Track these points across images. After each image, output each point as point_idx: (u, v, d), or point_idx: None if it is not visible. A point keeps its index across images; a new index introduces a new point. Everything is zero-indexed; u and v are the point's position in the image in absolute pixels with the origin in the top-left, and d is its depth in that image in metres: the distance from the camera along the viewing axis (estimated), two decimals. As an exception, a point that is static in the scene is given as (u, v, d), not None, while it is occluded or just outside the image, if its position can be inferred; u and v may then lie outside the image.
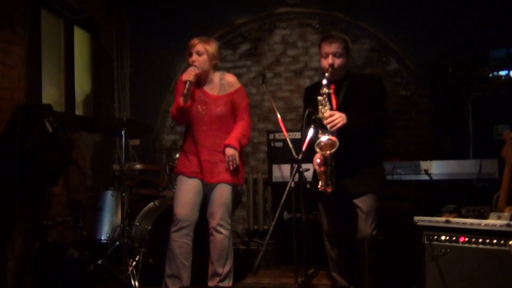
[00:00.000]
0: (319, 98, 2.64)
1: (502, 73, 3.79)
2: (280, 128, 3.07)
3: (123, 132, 3.38)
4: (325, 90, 2.63)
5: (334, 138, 2.50)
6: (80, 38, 4.45)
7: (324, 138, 2.52)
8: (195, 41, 2.97)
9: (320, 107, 2.63)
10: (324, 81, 2.64)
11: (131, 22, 4.88)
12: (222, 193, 2.96)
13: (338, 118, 2.56)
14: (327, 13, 4.63)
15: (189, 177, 3.00)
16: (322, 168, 2.59)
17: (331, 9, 4.60)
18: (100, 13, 4.63)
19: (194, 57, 2.93)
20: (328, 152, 2.51)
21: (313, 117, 2.57)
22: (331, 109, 2.64)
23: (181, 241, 2.93)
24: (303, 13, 4.69)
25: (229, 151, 2.92)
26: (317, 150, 2.54)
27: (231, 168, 2.92)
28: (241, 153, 3.07)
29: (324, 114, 2.60)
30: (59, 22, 4.14)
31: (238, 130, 2.99)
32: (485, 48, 4.15)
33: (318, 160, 2.61)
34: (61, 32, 4.17)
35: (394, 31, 4.48)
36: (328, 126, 2.55)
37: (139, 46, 4.89)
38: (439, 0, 4.28)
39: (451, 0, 4.23)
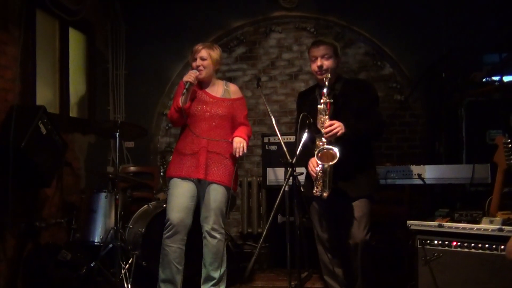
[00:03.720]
0: (320, 107, 2.65)
1: (495, 78, 3.82)
2: (275, 131, 3.08)
3: (117, 134, 3.38)
4: (325, 99, 2.64)
5: (335, 152, 2.52)
6: (75, 40, 4.43)
7: (326, 147, 2.54)
8: (199, 46, 3.05)
9: (320, 116, 2.64)
10: (325, 90, 2.64)
11: (126, 24, 4.88)
12: (216, 197, 2.96)
13: (337, 128, 2.57)
14: (322, 17, 4.65)
15: (183, 179, 2.99)
16: (320, 176, 2.60)
17: (327, 13, 4.62)
18: (95, 14, 4.63)
19: (198, 62, 3.01)
20: (327, 164, 2.53)
21: (307, 122, 2.58)
22: (331, 118, 2.64)
23: (175, 246, 2.93)
24: (299, 17, 4.71)
25: (236, 139, 2.95)
26: (317, 159, 2.56)
27: (237, 156, 2.94)
28: (236, 158, 3.08)
29: (324, 123, 2.61)
30: (54, 23, 4.13)
31: (244, 130, 3.06)
32: (478, 53, 4.19)
33: (317, 168, 2.61)
34: (56, 33, 4.16)
35: (389, 35, 4.50)
36: (327, 135, 2.57)
37: (134, 48, 4.88)
38: (433, 6, 4.32)
39: (445, 5, 4.26)
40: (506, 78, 3.77)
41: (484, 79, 3.83)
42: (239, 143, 2.93)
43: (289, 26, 4.76)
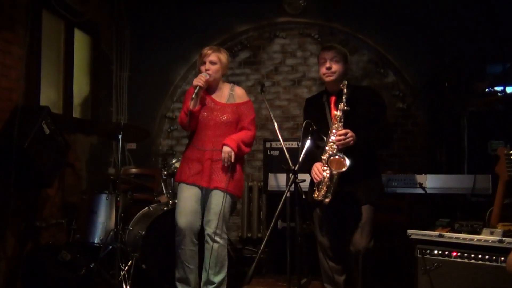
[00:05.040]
0: (336, 113, 2.66)
1: (498, 88, 3.83)
2: (277, 136, 3.08)
3: (120, 136, 3.38)
4: (343, 107, 2.64)
5: (345, 161, 2.53)
6: (80, 41, 4.45)
7: (339, 154, 2.55)
8: (209, 50, 3.03)
9: (334, 121, 2.65)
10: (344, 97, 2.65)
11: (131, 26, 4.90)
12: (219, 201, 2.96)
13: (350, 139, 2.59)
14: (327, 24, 4.67)
15: (189, 184, 3.00)
16: (325, 181, 2.61)
17: (331, 20, 4.64)
18: (101, 16, 4.65)
19: (208, 65, 2.99)
20: (336, 171, 2.54)
21: (310, 129, 2.59)
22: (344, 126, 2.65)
23: (186, 249, 2.96)
24: (303, 23, 4.73)
25: (225, 149, 2.90)
26: (326, 164, 2.57)
27: (226, 165, 2.90)
28: (241, 162, 3.08)
29: (339, 130, 2.61)
30: (60, 24, 4.15)
31: (240, 135, 3.00)
32: (481, 63, 4.19)
33: (324, 174, 2.62)
34: (61, 34, 4.17)
35: (392, 43, 4.52)
36: (339, 143, 2.58)
37: (138, 50, 4.90)
38: (437, 15, 4.33)
39: (449, 15, 4.27)
40: (509, 89, 3.79)
41: (487, 89, 3.85)
42: (226, 154, 2.89)
43: (293, 32, 4.77)
